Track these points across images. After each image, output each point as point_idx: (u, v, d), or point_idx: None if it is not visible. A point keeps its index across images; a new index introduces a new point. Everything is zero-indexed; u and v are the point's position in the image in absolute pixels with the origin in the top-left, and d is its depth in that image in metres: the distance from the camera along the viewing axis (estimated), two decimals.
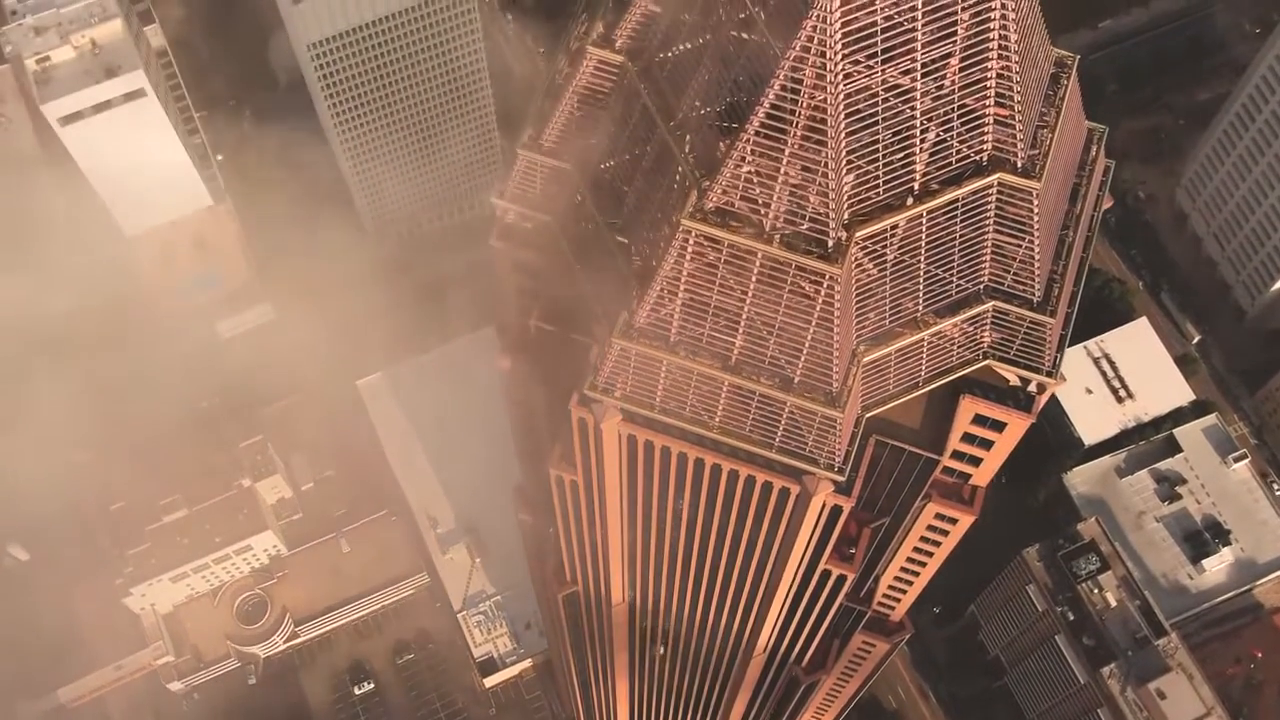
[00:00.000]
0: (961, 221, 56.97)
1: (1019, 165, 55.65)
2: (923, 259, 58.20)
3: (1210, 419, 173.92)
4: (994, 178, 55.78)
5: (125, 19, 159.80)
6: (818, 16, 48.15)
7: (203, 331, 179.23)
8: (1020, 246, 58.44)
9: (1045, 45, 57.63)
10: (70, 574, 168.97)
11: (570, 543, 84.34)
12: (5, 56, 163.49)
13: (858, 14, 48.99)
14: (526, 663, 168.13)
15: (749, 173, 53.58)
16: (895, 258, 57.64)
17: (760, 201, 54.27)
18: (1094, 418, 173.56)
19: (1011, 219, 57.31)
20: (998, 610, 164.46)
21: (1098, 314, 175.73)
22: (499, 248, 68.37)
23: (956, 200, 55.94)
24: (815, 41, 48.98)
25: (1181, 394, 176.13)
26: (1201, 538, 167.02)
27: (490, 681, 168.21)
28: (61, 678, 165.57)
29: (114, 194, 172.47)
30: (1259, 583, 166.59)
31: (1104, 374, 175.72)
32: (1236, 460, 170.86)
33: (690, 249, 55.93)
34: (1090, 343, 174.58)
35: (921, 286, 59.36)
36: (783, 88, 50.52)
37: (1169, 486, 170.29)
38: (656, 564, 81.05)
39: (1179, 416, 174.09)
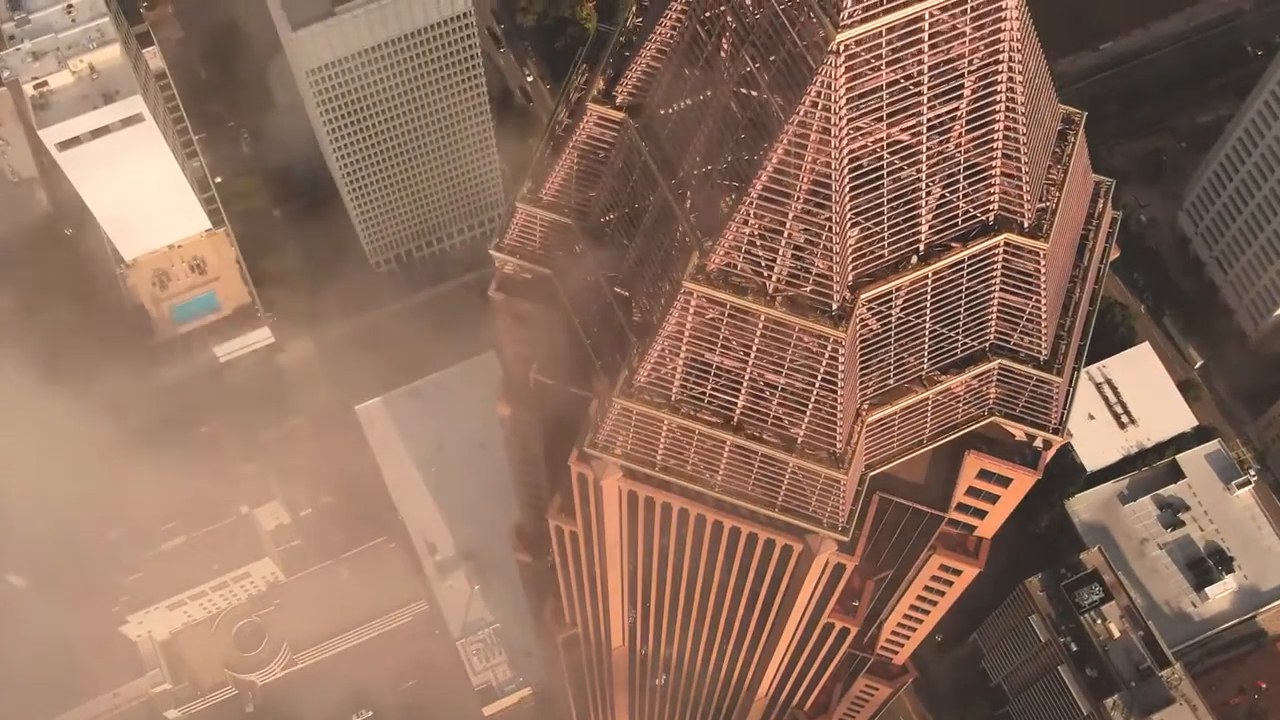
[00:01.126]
0: (967, 281, 56.21)
1: (1026, 225, 54.88)
2: (928, 317, 57.38)
3: (1213, 445, 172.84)
4: (1000, 238, 55.02)
5: (124, 43, 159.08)
6: (822, 82, 47.35)
7: (201, 356, 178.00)
8: (1027, 305, 57.65)
9: (1052, 102, 56.87)
10: (67, 600, 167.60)
11: (570, 589, 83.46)
12: (3, 81, 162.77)
13: (863, 78, 48.23)
14: (525, 691, 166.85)
15: (752, 234, 52.79)
16: (900, 316, 56.84)
17: (763, 263, 53.48)
18: (1096, 443, 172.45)
19: (1018, 278, 56.54)
20: (1000, 639, 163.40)
21: (1100, 339, 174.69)
22: (497, 299, 67.53)
23: (962, 260, 55.18)
24: (820, 106, 48.19)
25: (1184, 419, 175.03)
26: (1205, 565, 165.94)
27: (489, 710, 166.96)
28: (58, 706, 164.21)
29: (112, 218, 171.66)
30: (1263, 610, 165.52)
31: (1106, 399, 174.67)
32: (1240, 486, 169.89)
33: (692, 309, 55.14)
34: (1093, 368, 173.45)
35: (927, 344, 58.54)
36: (786, 151, 49.76)
37: (1172, 513, 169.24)
38: (657, 612, 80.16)
39: (1182, 442, 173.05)
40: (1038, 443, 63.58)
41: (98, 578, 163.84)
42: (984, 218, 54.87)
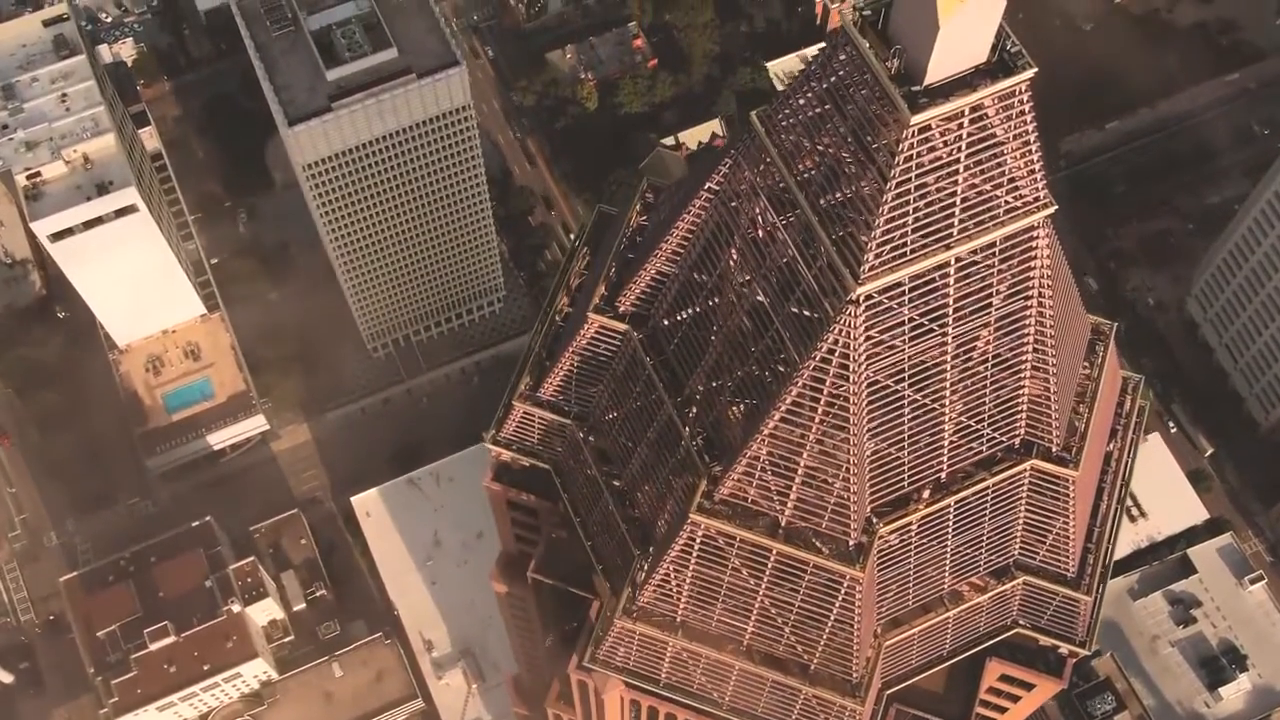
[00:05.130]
0: (992, 505, 53.21)
1: (1054, 450, 51.87)
2: (950, 538, 54.37)
3: (1225, 538, 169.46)
4: (1027, 464, 52.02)
5: (118, 131, 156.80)
6: (841, 330, 44.52)
7: (193, 444, 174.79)
8: (1054, 526, 54.61)
9: (1081, 315, 54.03)
10: (54, 697, 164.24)
11: None
12: None
13: (885, 320, 45.38)
14: None
15: (764, 464, 49.77)
16: (919, 541, 53.78)
17: (775, 493, 50.45)
18: None
19: (1046, 502, 53.54)
20: None
21: None
22: (493, 489, 64.47)
23: (987, 488, 52.15)
24: (838, 351, 45.35)
25: (1195, 512, 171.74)
26: (1218, 664, 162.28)
27: None
28: None
29: (105, 306, 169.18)
30: (1277, 710, 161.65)
31: None
32: (1253, 582, 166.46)
33: (699, 539, 52.06)
34: None
35: (948, 564, 55.46)
36: (801, 391, 46.85)
37: (1184, 609, 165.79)
38: None
39: (1192, 536, 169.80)
40: (1063, 650, 60.26)
41: (85, 674, 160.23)
42: (1010, 441, 51.88)
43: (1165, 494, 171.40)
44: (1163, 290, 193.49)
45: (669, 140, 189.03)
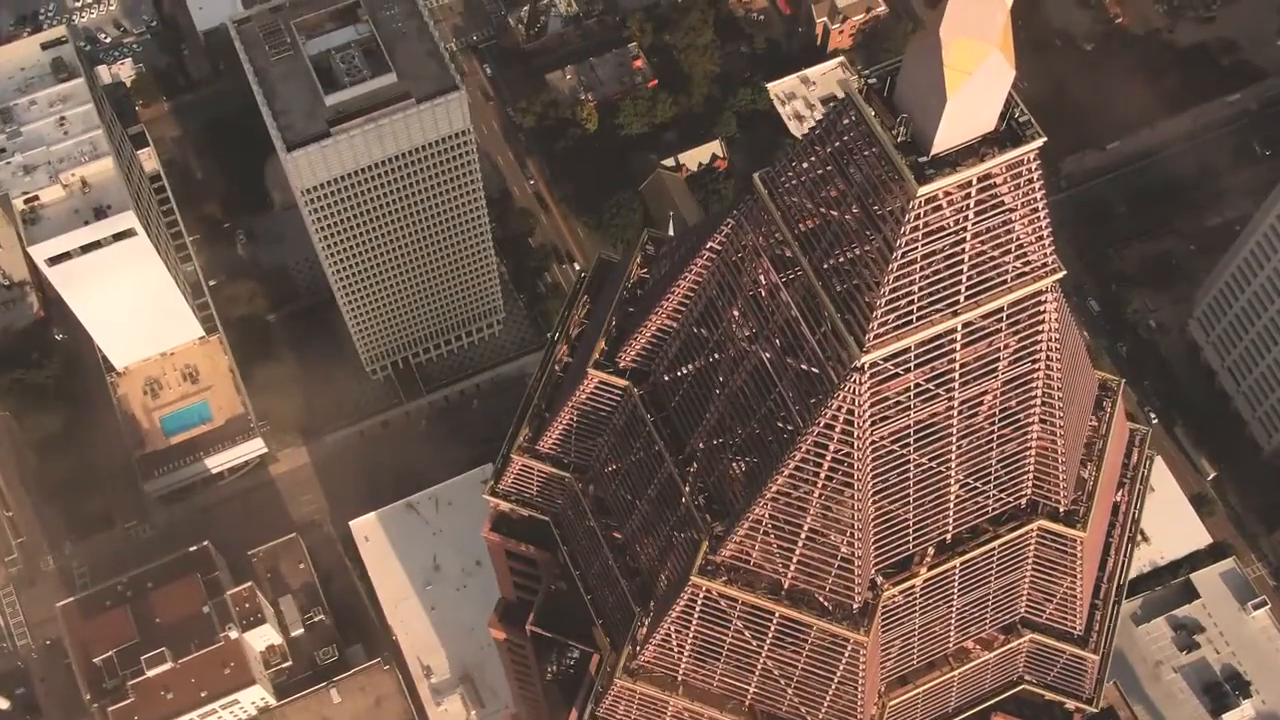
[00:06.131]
0: (998, 566, 52.44)
1: (1062, 511, 51.14)
2: (955, 597, 53.58)
3: (1228, 563, 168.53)
4: (1034, 525, 51.28)
5: (117, 153, 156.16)
6: (845, 397, 43.76)
7: (191, 468, 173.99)
8: (1062, 586, 53.84)
9: (1088, 372, 53.29)
10: None
11: None
12: None
13: (890, 385, 44.66)
14: None
15: (766, 526, 49.01)
16: (925, 601, 53.01)
17: (778, 555, 49.68)
18: None
19: (1053, 562, 52.75)
20: None
21: None
22: (492, 540, 63.71)
23: (993, 549, 51.39)
24: (841, 418, 44.60)
25: (1198, 536, 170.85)
26: (1221, 689, 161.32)
27: None
28: None
29: (103, 329, 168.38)
30: None
31: None
32: (1256, 607, 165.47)
33: (700, 600, 51.27)
34: None
35: (954, 623, 54.68)
36: (804, 456, 46.10)
37: (1187, 635, 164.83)
38: None
39: (1195, 560, 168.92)
40: (1069, 705, 59.48)
41: (82, 701, 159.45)
42: (1017, 501, 51.12)
43: (1168, 518, 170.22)
44: (1164, 312, 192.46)
45: (669, 161, 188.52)
